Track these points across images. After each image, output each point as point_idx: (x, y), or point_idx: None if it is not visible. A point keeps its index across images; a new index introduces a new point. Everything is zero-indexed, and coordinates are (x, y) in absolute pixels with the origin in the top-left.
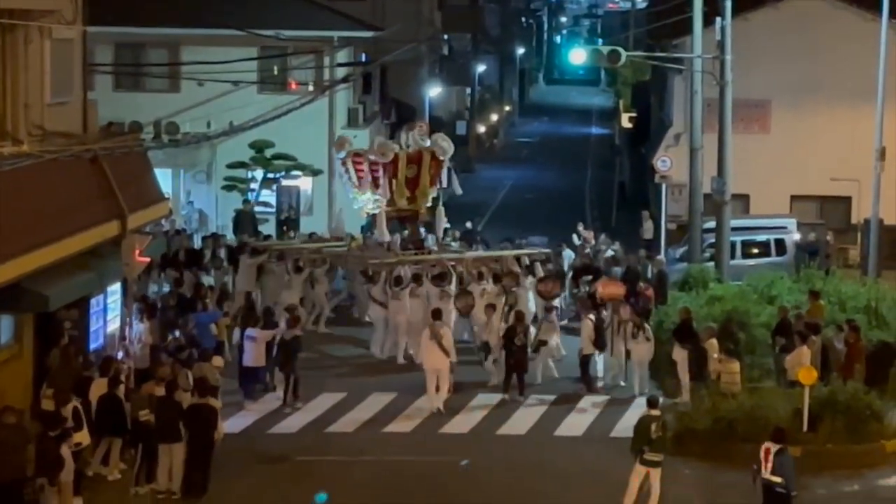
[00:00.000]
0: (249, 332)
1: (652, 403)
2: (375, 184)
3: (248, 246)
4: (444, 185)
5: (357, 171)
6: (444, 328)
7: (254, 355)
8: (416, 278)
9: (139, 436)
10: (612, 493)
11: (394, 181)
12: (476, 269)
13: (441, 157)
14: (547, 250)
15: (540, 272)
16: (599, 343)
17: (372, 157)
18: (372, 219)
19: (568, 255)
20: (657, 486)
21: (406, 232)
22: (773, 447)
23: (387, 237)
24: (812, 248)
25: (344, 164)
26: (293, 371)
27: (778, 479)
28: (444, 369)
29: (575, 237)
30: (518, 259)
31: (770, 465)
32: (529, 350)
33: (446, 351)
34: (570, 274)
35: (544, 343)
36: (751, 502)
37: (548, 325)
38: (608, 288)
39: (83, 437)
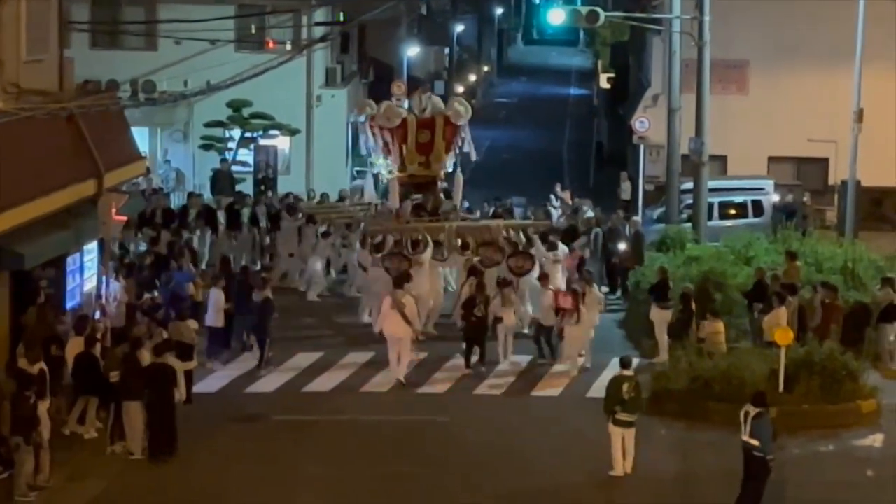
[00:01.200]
0: (211, 291)
1: (625, 364)
2: (387, 149)
3: (289, 206)
4: (465, 149)
5: (373, 135)
6: (406, 297)
7: (213, 315)
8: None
9: (112, 395)
10: (589, 449)
11: (403, 147)
12: (461, 239)
13: (456, 122)
14: (546, 222)
15: (539, 246)
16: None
17: (380, 123)
18: (387, 184)
19: (552, 213)
20: (632, 448)
21: (416, 198)
22: (753, 410)
23: (397, 204)
24: (790, 210)
25: (364, 128)
26: (266, 334)
27: (755, 443)
28: (404, 339)
29: (552, 197)
30: (508, 231)
31: (749, 427)
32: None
33: (408, 320)
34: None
35: (500, 320)
36: (727, 462)
37: (504, 299)
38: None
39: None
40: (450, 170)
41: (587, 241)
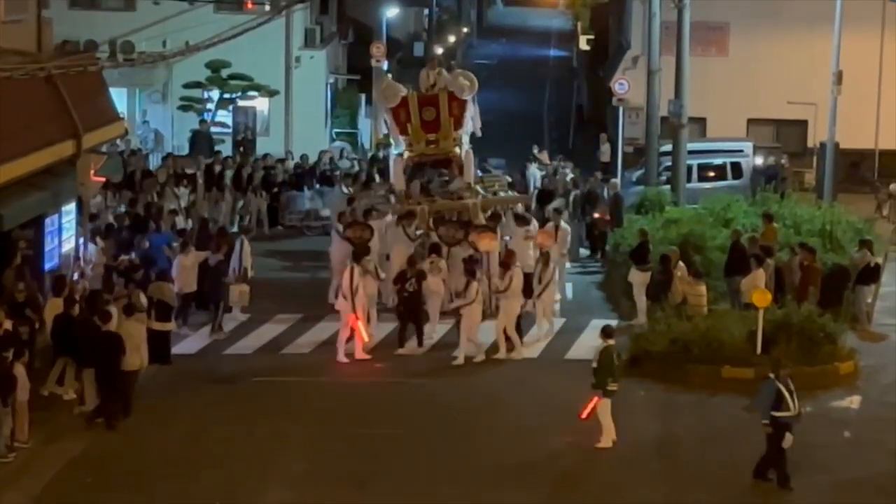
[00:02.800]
0: (178, 258)
1: (609, 334)
2: (400, 128)
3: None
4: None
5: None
6: (370, 264)
7: (180, 280)
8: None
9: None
10: (565, 408)
11: (408, 125)
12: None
13: (461, 97)
14: (524, 196)
15: (510, 223)
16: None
17: (381, 102)
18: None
19: (534, 174)
20: None
21: (426, 177)
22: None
23: (400, 185)
24: (771, 173)
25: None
26: (219, 297)
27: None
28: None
29: (530, 159)
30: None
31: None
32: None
33: (345, 295)
34: (535, 194)
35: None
36: (706, 423)
37: (432, 266)
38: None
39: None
40: (465, 147)
41: (564, 204)
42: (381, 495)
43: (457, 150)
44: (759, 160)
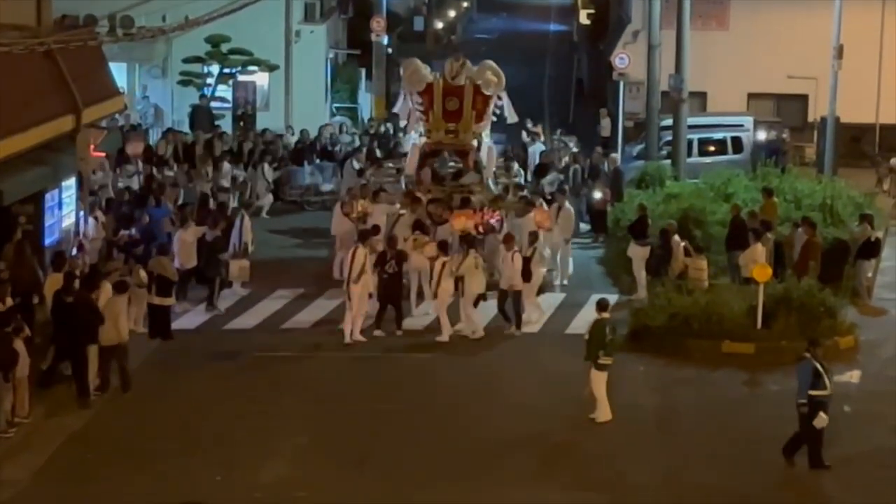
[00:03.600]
0: (177, 233)
1: (603, 307)
2: (423, 113)
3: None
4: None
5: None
6: (378, 244)
7: (180, 255)
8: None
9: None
10: (565, 383)
11: (430, 113)
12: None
13: (486, 92)
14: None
15: (542, 204)
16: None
17: (406, 86)
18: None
19: (537, 149)
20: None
21: (438, 165)
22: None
23: (411, 171)
24: (773, 147)
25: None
26: (215, 273)
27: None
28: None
29: (524, 133)
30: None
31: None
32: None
33: (351, 277)
34: (534, 169)
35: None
36: (706, 398)
37: (415, 243)
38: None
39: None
40: (485, 142)
41: (564, 179)
42: (381, 470)
43: (474, 143)
44: (761, 135)
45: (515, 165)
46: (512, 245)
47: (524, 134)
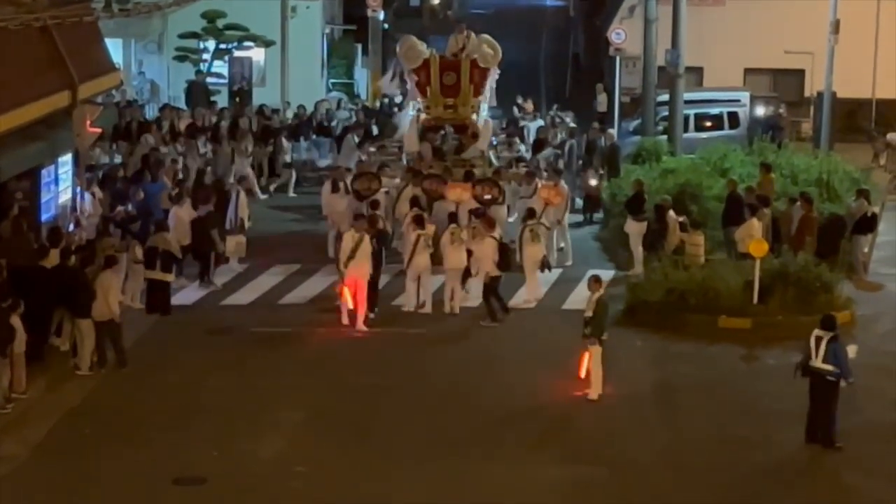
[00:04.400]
0: (173, 209)
1: (599, 281)
2: (419, 90)
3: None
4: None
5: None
6: (361, 234)
7: (176, 231)
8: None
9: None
10: (562, 357)
11: (427, 88)
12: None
13: (483, 66)
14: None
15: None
16: (504, 263)
17: (402, 63)
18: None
19: (534, 125)
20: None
21: (440, 140)
22: (825, 335)
23: (413, 147)
24: (772, 123)
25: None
26: (209, 247)
27: (830, 368)
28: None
29: (515, 109)
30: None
31: (822, 353)
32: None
33: (341, 260)
34: (531, 145)
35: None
36: (702, 372)
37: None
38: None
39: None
40: (483, 115)
41: (560, 154)
42: (378, 444)
43: (474, 117)
44: (759, 110)
45: (518, 141)
46: (490, 229)
47: (515, 110)
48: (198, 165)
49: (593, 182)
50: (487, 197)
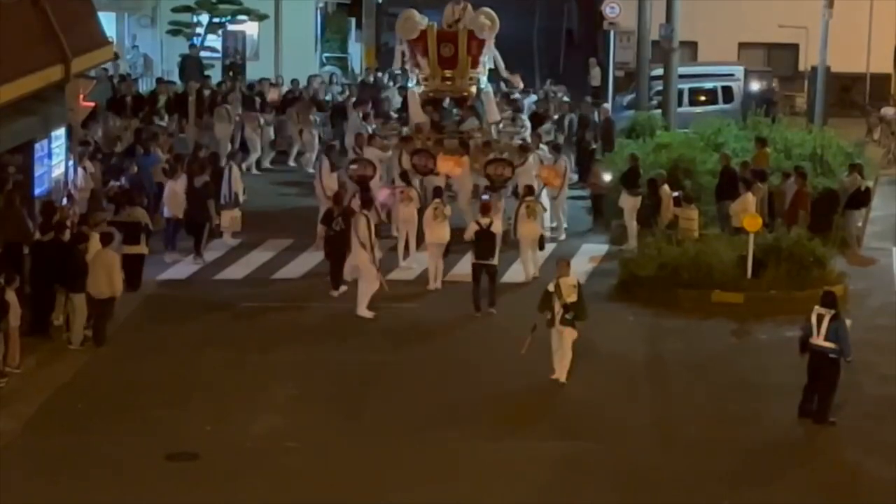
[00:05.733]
0: (168, 183)
1: (570, 264)
2: (414, 62)
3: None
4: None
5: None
6: (359, 218)
7: (169, 206)
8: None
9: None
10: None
11: (425, 60)
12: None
13: (480, 36)
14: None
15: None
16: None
17: (400, 34)
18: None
19: (530, 100)
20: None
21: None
22: (827, 312)
23: (416, 119)
24: (766, 97)
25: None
26: (203, 219)
27: (831, 345)
28: (362, 267)
29: (502, 84)
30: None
31: (824, 331)
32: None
33: (363, 245)
34: (530, 119)
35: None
36: (695, 348)
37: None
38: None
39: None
40: (482, 87)
41: (558, 128)
42: (371, 420)
43: (472, 89)
44: (755, 85)
45: (522, 116)
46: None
47: (502, 84)
48: (195, 139)
49: (607, 177)
50: (501, 176)
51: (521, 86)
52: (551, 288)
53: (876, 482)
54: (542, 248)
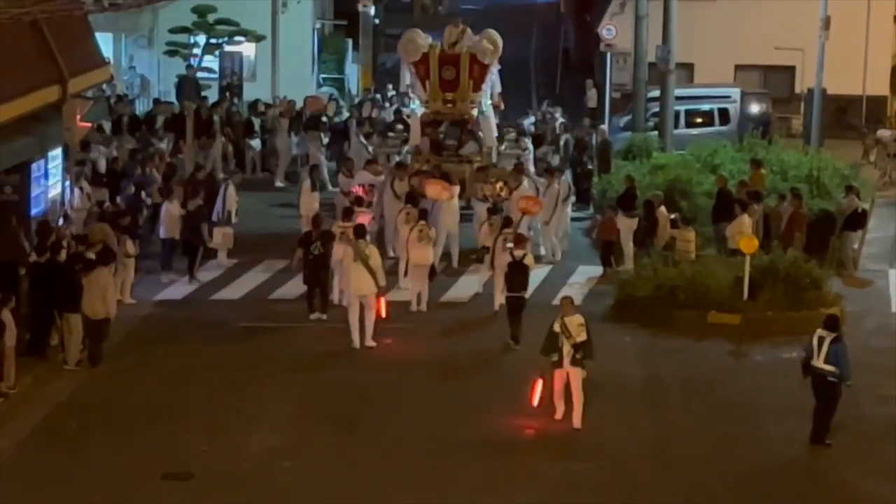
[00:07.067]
0: (164, 204)
1: (573, 303)
2: (419, 84)
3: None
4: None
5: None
6: (370, 247)
7: (166, 226)
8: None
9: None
10: None
11: (426, 82)
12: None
13: (483, 61)
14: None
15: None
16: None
17: (402, 56)
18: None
19: (528, 122)
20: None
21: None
22: (828, 335)
23: (416, 140)
24: (763, 119)
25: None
26: (197, 242)
27: (832, 368)
28: (369, 296)
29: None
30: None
31: (824, 353)
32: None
33: (373, 273)
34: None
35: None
36: (691, 369)
37: (409, 217)
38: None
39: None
40: (484, 110)
41: (555, 149)
42: (367, 439)
43: (473, 112)
44: (754, 108)
45: (525, 139)
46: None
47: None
48: (196, 161)
49: (626, 224)
50: (501, 195)
51: (502, 106)
52: (557, 328)
53: (874, 503)
54: None
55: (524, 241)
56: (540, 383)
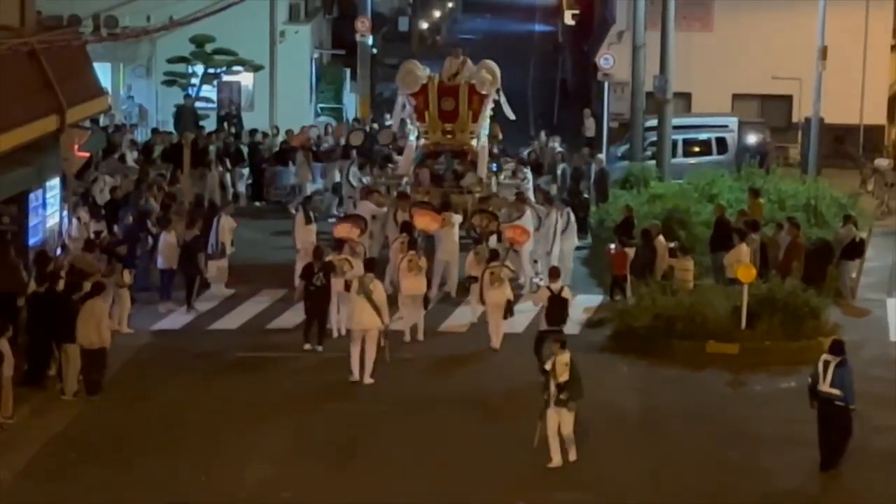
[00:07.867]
0: (162, 235)
1: (564, 344)
2: (417, 115)
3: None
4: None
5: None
6: (374, 282)
7: (164, 256)
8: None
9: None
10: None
11: (426, 113)
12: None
13: (481, 91)
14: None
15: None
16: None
17: (401, 87)
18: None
19: (527, 151)
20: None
21: (442, 167)
22: (833, 359)
23: (407, 170)
24: (761, 150)
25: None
26: (194, 272)
27: (837, 392)
28: (371, 330)
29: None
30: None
31: (829, 378)
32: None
33: (377, 309)
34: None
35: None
36: (689, 399)
37: (403, 246)
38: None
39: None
40: (483, 141)
41: (553, 178)
42: (365, 470)
43: (473, 143)
44: (752, 138)
45: (526, 169)
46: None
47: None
48: (197, 191)
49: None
50: (485, 228)
51: (500, 136)
52: (548, 367)
53: None
54: (509, 314)
55: (558, 273)
56: (539, 426)
